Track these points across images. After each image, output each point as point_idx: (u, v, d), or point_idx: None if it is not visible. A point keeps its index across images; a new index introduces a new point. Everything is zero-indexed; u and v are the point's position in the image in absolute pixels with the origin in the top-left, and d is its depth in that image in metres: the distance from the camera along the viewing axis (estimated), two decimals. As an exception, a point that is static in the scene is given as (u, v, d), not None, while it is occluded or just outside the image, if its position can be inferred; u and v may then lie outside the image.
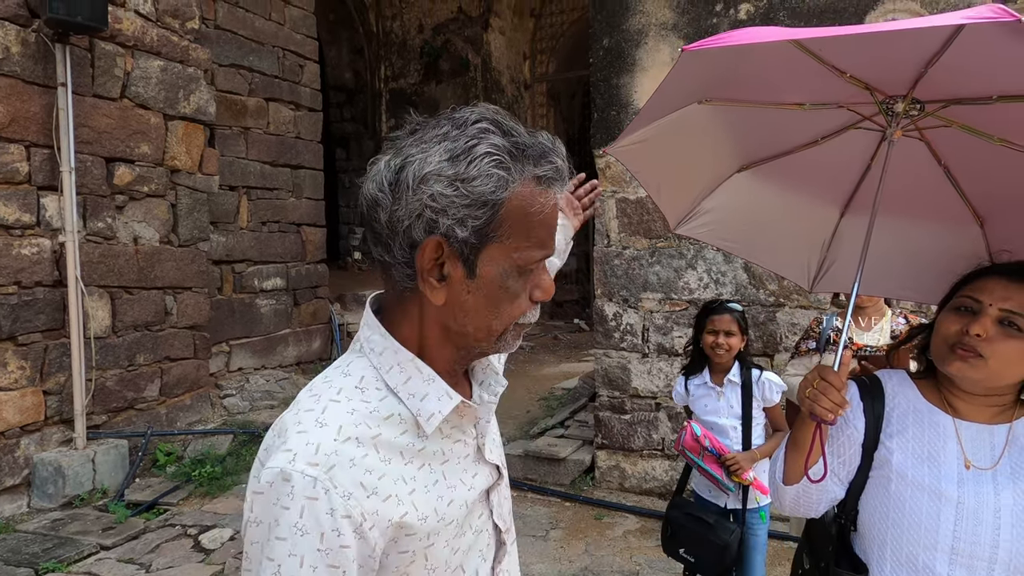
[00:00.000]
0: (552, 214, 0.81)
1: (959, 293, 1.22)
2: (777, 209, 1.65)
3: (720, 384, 2.53)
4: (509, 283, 0.80)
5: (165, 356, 5.16)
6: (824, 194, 1.60)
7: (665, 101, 1.39)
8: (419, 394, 0.82)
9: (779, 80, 1.33)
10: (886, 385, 1.29)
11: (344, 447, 0.75)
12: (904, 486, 1.19)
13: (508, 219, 0.77)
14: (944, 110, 1.25)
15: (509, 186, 0.77)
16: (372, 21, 10.27)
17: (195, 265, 5.39)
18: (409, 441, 0.81)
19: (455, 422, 0.86)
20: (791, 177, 1.57)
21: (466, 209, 0.76)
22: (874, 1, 3.71)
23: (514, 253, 0.79)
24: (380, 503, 0.76)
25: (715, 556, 2.37)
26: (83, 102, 4.50)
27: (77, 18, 4.13)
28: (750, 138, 1.54)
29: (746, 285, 4.10)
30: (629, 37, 4.22)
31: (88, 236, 4.57)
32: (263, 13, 6.39)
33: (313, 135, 7.09)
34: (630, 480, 4.43)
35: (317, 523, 0.72)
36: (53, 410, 4.38)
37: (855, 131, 1.41)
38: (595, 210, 1.65)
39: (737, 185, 1.64)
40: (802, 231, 1.67)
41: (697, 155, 1.62)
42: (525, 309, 0.84)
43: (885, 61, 1.20)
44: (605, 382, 4.48)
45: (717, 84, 1.38)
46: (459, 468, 0.87)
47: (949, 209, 1.43)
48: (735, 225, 1.72)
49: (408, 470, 0.80)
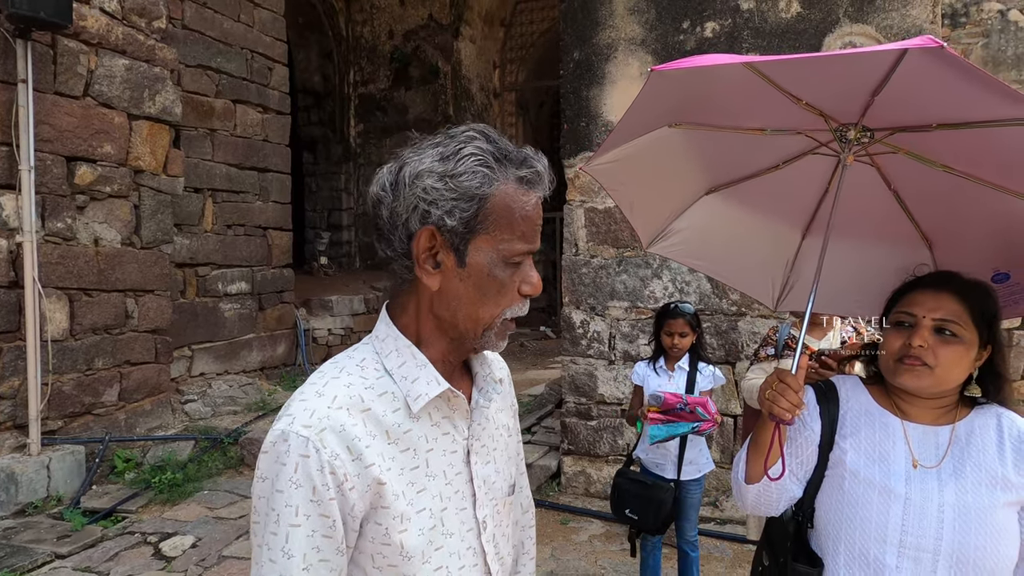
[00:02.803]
0: (534, 213, 0.90)
1: (894, 310, 1.31)
2: (743, 230, 1.73)
3: (672, 370, 3.00)
4: (496, 272, 0.89)
5: (125, 360, 5.04)
6: (786, 216, 1.68)
7: (638, 121, 1.45)
8: (411, 377, 0.91)
9: (742, 106, 1.41)
10: (840, 389, 1.37)
11: (336, 414, 0.86)
12: (857, 484, 1.27)
13: (493, 212, 0.87)
14: (891, 137, 1.34)
15: (493, 183, 0.86)
16: (342, 25, 10.23)
17: (158, 268, 5.29)
18: (398, 420, 0.90)
19: (445, 412, 0.94)
20: (755, 200, 1.65)
21: (454, 201, 0.86)
22: (832, 24, 3.88)
23: (500, 244, 0.88)
24: (363, 468, 0.85)
25: (653, 511, 2.79)
26: (44, 99, 4.40)
27: (40, 14, 4.04)
28: (717, 162, 1.62)
29: (709, 295, 4.21)
30: (599, 51, 4.31)
31: (47, 236, 4.46)
32: (232, 14, 6.33)
33: (281, 138, 7.03)
34: (595, 485, 4.49)
35: (309, 477, 0.82)
36: (6, 415, 4.25)
37: (813, 156, 1.50)
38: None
39: (705, 207, 1.72)
40: (766, 252, 1.75)
41: (668, 176, 1.69)
42: (512, 301, 0.92)
43: (836, 89, 1.28)
44: (572, 388, 4.54)
45: (686, 108, 1.45)
46: (444, 461, 0.93)
47: (901, 232, 1.52)
48: (704, 245, 1.80)
49: (390, 450, 0.88)
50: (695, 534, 2.98)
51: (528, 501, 1.21)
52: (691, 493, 2.94)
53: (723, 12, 4.07)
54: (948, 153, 1.31)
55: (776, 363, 2.87)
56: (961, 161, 1.31)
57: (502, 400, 1.08)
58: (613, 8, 4.28)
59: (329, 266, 9.71)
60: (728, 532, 3.99)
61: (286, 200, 7.12)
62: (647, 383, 3.00)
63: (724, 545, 3.89)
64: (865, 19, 3.81)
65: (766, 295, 1.82)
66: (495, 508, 1.00)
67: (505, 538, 1.03)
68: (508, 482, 1.04)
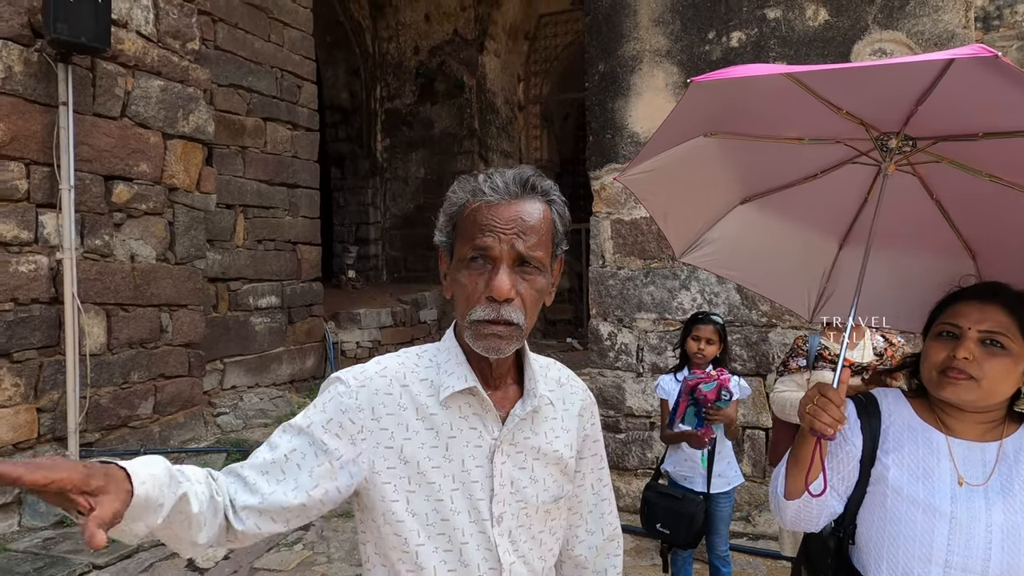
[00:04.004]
0: (486, 215, 0.99)
1: (938, 321, 1.28)
2: (778, 240, 1.71)
3: None
4: (459, 275, 1.02)
5: (160, 374, 5.15)
6: (824, 226, 1.65)
7: (673, 132, 1.44)
8: (449, 370, 1.06)
9: (780, 115, 1.40)
10: (882, 403, 1.34)
11: (378, 379, 1.05)
12: (900, 501, 1.23)
13: (460, 224, 1.03)
14: (934, 146, 1.31)
15: (462, 200, 1.03)
16: (369, 42, 10.40)
17: (191, 283, 5.40)
18: (428, 403, 1.04)
19: (476, 409, 1.05)
20: (792, 210, 1.63)
21: (443, 223, 1.06)
22: (861, 31, 3.83)
23: (461, 250, 1.02)
24: (378, 428, 1.02)
25: (684, 525, 2.76)
26: (83, 121, 4.54)
27: (80, 39, 4.18)
28: (753, 171, 1.61)
29: (739, 306, 4.16)
30: (624, 63, 4.31)
31: (85, 253, 4.59)
32: (262, 35, 6.48)
33: (310, 154, 7.15)
34: (625, 499, 4.44)
35: (333, 410, 1.02)
36: (46, 428, 4.36)
37: (852, 165, 1.47)
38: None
39: (740, 216, 1.70)
40: (802, 262, 1.72)
41: (702, 186, 1.68)
42: (475, 302, 0.99)
43: (878, 98, 1.26)
44: (600, 401, 4.51)
45: (722, 118, 1.44)
46: (466, 451, 1.04)
47: (943, 242, 1.49)
48: (738, 255, 1.78)
49: (415, 424, 1.03)
50: (726, 549, 2.93)
51: (612, 529, 1.26)
52: (721, 507, 2.91)
53: (749, 21, 4.05)
54: (994, 162, 1.28)
55: (808, 375, 2.82)
56: (1008, 170, 1.27)
57: (558, 425, 1.13)
58: (638, 20, 4.28)
59: (357, 279, 9.81)
60: (761, 548, 3.91)
61: (315, 215, 7.22)
62: (672, 397, 2.96)
63: (757, 561, 3.82)
64: (895, 25, 3.76)
65: (801, 305, 1.79)
66: (521, 510, 1.06)
67: (536, 542, 1.08)
68: (549, 493, 1.09)
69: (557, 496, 1.11)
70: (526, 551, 1.07)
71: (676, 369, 3.05)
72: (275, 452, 1.01)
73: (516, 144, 11.14)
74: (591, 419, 1.21)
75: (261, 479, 0.99)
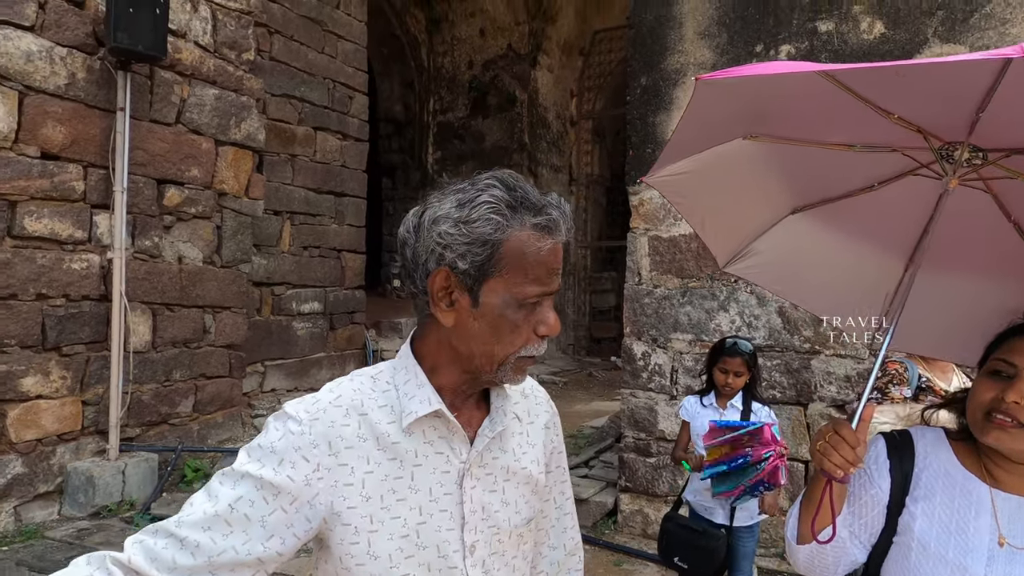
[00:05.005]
0: (549, 257, 0.93)
1: (992, 356, 1.14)
2: (835, 257, 1.55)
3: (724, 407, 2.83)
4: (508, 313, 0.92)
5: (201, 373, 5.28)
6: (886, 243, 1.48)
7: (703, 133, 1.33)
8: (409, 394, 0.97)
9: (823, 119, 1.26)
10: (917, 443, 1.20)
11: (332, 410, 0.95)
12: (925, 558, 1.10)
13: (506, 257, 0.91)
14: (1007, 159, 1.16)
15: (506, 230, 0.90)
16: (424, 56, 10.57)
17: (235, 286, 5.54)
18: (390, 431, 0.96)
19: (442, 432, 0.98)
20: (850, 223, 1.47)
21: (467, 246, 0.91)
22: (920, 45, 3.63)
23: (513, 288, 0.91)
24: (336, 465, 0.93)
25: (705, 560, 2.63)
26: (140, 126, 4.72)
27: (138, 47, 4.37)
28: (803, 179, 1.46)
29: (780, 330, 3.97)
30: (667, 76, 4.21)
31: (135, 253, 4.76)
32: (317, 46, 6.64)
33: (358, 164, 7.27)
34: (653, 527, 4.28)
35: (283, 449, 0.92)
36: (90, 420, 4.51)
37: (915, 177, 1.31)
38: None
39: (791, 228, 1.54)
40: (862, 281, 1.56)
41: (746, 192, 1.54)
42: (526, 341, 0.95)
43: (931, 103, 1.12)
44: (631, 423, 4.38)
45: (761, 119, 1.31)
46: (432, 478, 0.97)
47: (1016, 266, 1.33)
48: (789, 269, 1.63)
49: (376, 455, 0.95)
50: None
51: (574, 544, 1.21)
52: (744, 542, 2.74)
53: (799, 35, 3.90)
54: None
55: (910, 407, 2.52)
56: None
57: (524, 440, 1.08)
58: (683, 33, 4.18)
59: (401, 289, 9.91)
60: (796, 588, 3.69)
61: (360, 223, 7.33)
62: (696, 420, 2.84)
63: (791, 602, 3.60)
64: (957, 39, 3.55)
65: (859, 328, 1.62)
66: (494, 536, 1.00)
67: (509, 568, 1.03)
68: (521, 515, 1.04)
69: (529, 518, 1.06)
70: None
71: (702, 393, 2.92)
72: (217, 504, 0.89)
73: (566, 159, 11.09)
74: (556, 431, 1.16)
75: (203, 536, 0.88)
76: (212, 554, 0.87)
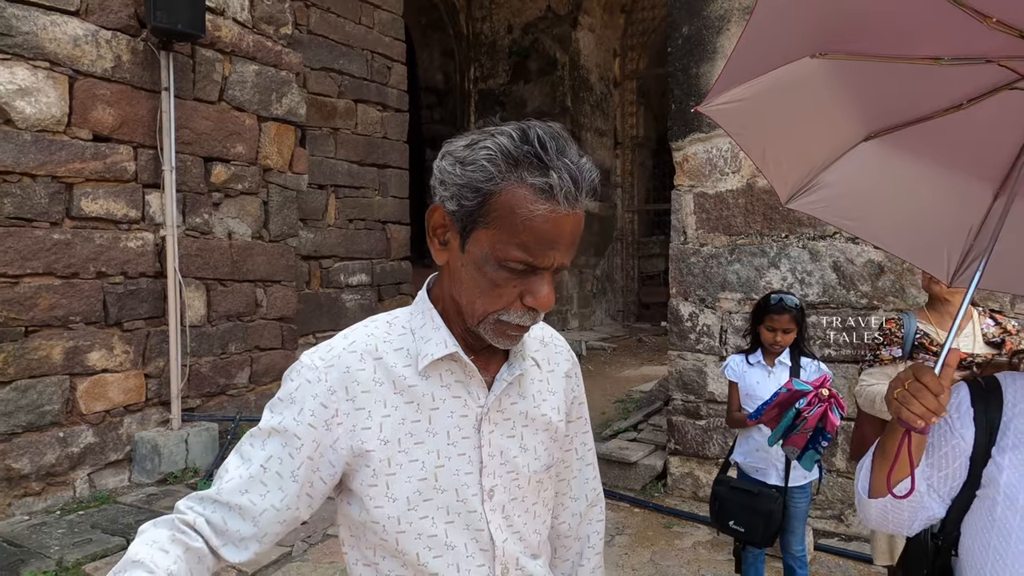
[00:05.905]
0: (543, 225, 0.84)
1: None
2: (913, 186, 1.43)
3: (771, 365, 2.74)
4: (487, 269, 0.88)
5: (255, 346, 5.43)
6: (973, 169, 1.35)
7: (765, 52, 1.20)
8: (425, 337, 0.96)
9: (907, 28, 1.13)
10: (1006, 391, 1.10)
11: (347, 356, 0.95)
12: (1012, 512, 1.02)
13: (495, 211, 0.85)
14: None
15: (499, 183, 0.85)
16: (462, 23, 10.43)
17: (284, 260, 5.65)
18: (406, 374, 0.95)
19: (459, 377, 0.97)
20: (931, 148, 1.34)
21: (458, 188, 0.87)
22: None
23: (497, 245, 0.86)
24: (354, 410, 0.93)
25: (761, 523, 2.55)
26: (184, 105, 4.81)
27: (178, 25, 4.42)
28: (879, 100, 1.33)
29: (835, 286, 3.80)
30: (710, 23, 4.02)
31: (187, 231, 4.89)
32: (353, 17, 6.62)
33: (399, 135, 7.27)
34: (704, 489, 4.22)
35: (302, 398, 0.92)
36: (152, 392, 4.71)
37: (1011, 92, 1.18)
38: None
39: (864, 156, 1.41)
40: (944, 214, 1.43)
41: (813, 119, 1.39)
42: (508, 305, 0.90)
43: None
44: (679, 385, 4.30)
45: (834, 33, 1.18)
46: (450, 422, 0.96)
47: None
48: (860, 202, 1.50)
49: (393, 398, 0.94)
50: (803, 548, 2.68)
51: (595, 494, 1.20)
52: (797, 502, 2.66)
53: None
54: None
55: (903, 366, 2.46)
56: None
57: (544, 387, 1.06)
58: (726, -23, 3.97)
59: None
60: (853, 550, 3.59)
61: (404, 195, 7.36)
62: (744, 380, 2.75)
63: (848, 565, 3.50)
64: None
65: (938, 266, 1.49)
66: (513, 482, 1.00)
67: (530, 515, 1.02)
68: (540, 461, 1.03)
69: (548, 464, 1.05)
70: (520, 526, 1.01)
71: (748, 351, 2.82)
72: (251, 466, 0.92)
73: (611, 121, 10.85)
74: (577, 380, 1.14)
75: (244, 499, 0.91)
76: (255, 514, 0.90)
